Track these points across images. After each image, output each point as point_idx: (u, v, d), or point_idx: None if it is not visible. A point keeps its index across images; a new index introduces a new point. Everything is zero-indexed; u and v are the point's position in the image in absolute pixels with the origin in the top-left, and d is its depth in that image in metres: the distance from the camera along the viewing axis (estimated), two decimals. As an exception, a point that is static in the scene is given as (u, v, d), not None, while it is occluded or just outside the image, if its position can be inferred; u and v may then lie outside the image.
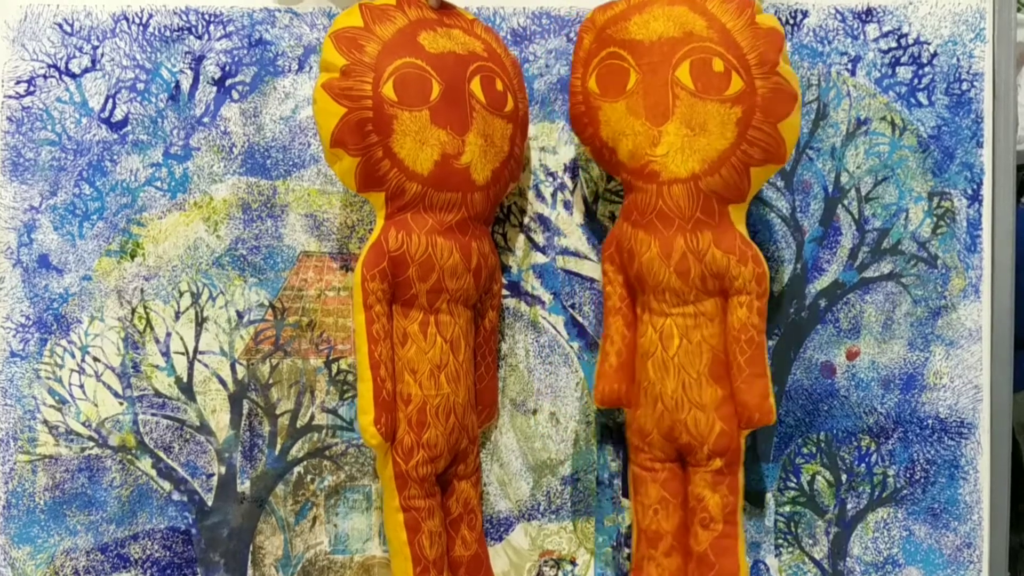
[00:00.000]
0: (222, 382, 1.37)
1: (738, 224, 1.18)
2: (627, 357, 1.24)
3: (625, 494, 1.35)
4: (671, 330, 1.19)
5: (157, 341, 1.36)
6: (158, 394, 1.36)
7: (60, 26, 1.37)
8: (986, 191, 1.39)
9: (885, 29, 1.38)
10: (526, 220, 1.37)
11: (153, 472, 1.37)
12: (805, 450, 1.39)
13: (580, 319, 1.36)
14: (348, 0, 1.26)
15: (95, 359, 1.36)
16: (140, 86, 1.37)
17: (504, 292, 1.36)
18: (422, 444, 1.21)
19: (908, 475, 1.39)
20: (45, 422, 1.36)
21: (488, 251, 1.25)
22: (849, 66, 1.38)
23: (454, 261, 1.20)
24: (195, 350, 1.37)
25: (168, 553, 1.36)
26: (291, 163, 1.38)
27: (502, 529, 1.39)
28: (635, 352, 1.23)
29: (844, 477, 1.40)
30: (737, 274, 1.18)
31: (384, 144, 1.17)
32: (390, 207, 1.19)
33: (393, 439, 1.20)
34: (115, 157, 1.37)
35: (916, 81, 1.38)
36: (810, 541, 1.39)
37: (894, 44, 1.38)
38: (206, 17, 1.36)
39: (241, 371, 1.36)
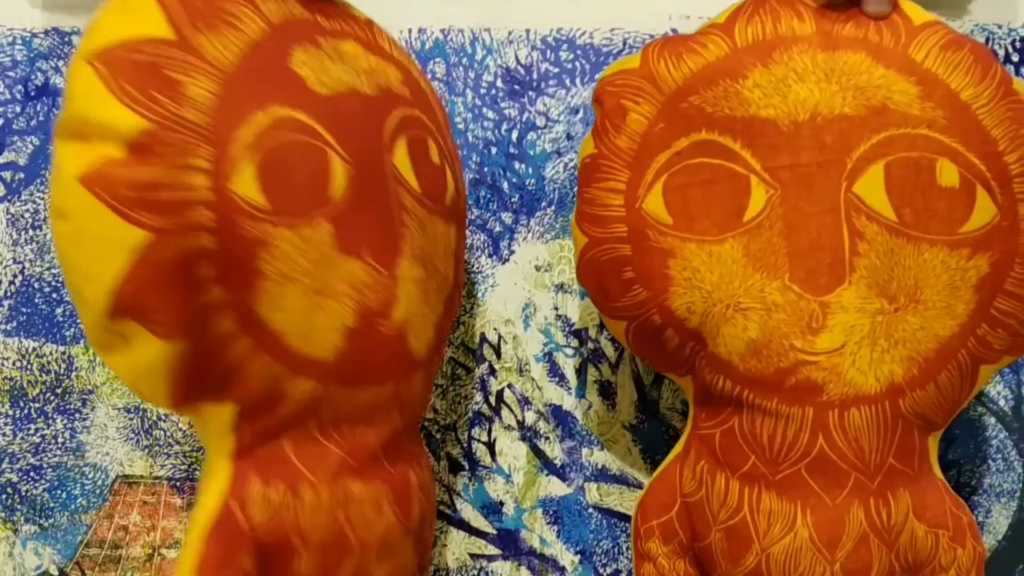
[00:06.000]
0: None
1: (935, 464, 0.87)
2: None
3: None
4: None
5: None
6: None
7: None
8: None
9: None
10: (530, 417, 1.02)
11: None
12: None
13: (630, 600, 1.01)
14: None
15: None
16: None
17: (489, 549, 1.02)
18: None
19: None
20: None
21: (429, 482, 0.87)
22: None
23: (386, 525, 0.80)
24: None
25: None
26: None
27: None
28: None
29: None
30: (949, 562, 0.85)
31: (240, 304, 0.72)
32: (246, 432, 0.76)
33: None
34: None
35: None
36: None
37: None
38: (-63, 43, 1.01)
39: None
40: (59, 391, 1.01)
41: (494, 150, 1.02)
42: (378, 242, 0.79)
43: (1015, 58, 1.02)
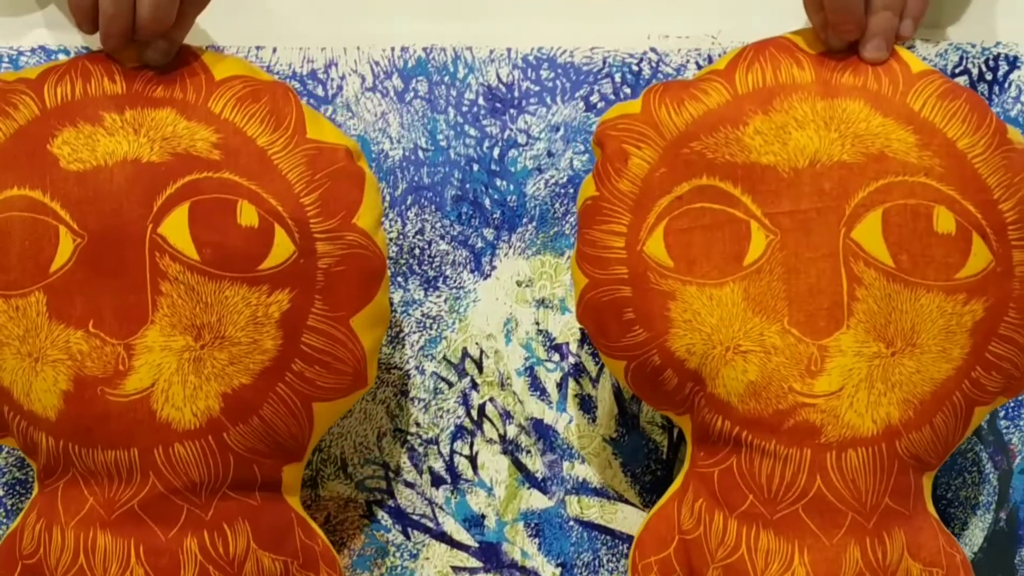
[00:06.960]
0: None
1: (929, 503, 0.87)
2: None
3: None
4: None
5: None
6: None
7: None
8: None
9: None
10: (511, 431, 1.02)
11: None
12: None
13: (612, 611, 1.01)
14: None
15: None
16: None
17: (470, 562, 1.01)
18: None
19: None
20: None
21: (241, 552, 0.85)
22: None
23: None
24: None
25: None
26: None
27: None
28: None
29: None
30: None
31: None
32: (39, 470, 0.86)
33: None
34: None
35: None
36: None
37: None
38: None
39: None
40: None
41: (476, 167, 1.01)
42: (112, 313, 0.82)
43: (988, 76, 1.03)
